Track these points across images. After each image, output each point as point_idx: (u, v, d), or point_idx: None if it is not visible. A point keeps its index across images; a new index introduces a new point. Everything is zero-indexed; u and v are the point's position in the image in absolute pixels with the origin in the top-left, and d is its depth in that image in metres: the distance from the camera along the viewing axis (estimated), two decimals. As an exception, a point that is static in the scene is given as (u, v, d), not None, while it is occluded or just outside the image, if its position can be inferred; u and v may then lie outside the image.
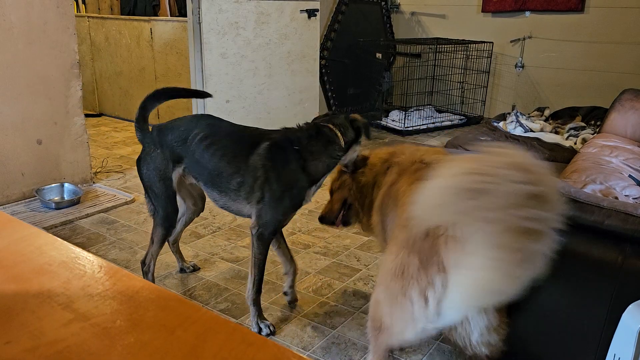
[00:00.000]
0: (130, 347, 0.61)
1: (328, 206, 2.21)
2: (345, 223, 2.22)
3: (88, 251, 0.83)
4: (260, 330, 2.08)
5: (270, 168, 1.95)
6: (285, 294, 2.31)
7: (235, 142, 2.02)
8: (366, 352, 2.00)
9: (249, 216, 2.06)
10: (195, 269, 2.59)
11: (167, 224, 2.17)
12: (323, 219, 2.23)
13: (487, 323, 1.40)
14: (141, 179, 2.15)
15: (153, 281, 2.28)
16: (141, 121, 2.10)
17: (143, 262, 2.27)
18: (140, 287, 0.72)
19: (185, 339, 0.62)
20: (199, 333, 0.63)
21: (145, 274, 2.27)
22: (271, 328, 2.09)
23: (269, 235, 2.02)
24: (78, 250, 0.82)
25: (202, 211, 2.48)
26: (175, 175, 2.11)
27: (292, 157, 1.96)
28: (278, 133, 2.03)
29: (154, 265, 2.28)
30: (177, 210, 2.20)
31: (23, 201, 3.30)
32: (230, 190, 2.01)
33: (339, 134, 2.00)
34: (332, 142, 2.00)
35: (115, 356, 0.59)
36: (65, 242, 0.84)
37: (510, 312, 1.54)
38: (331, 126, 2.01)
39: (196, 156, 2.03)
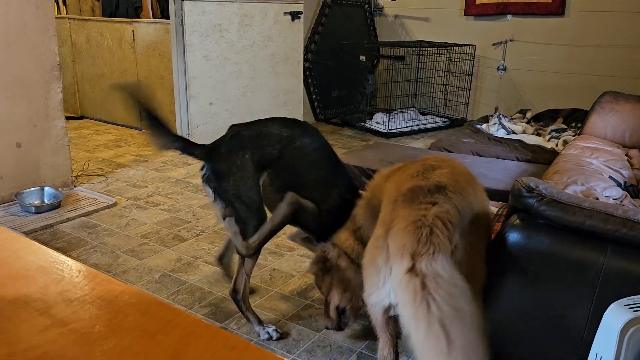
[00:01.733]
0: (110, 352, 0.59)
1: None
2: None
3: (69, 256, 0.81)
4: None
5: None
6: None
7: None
8: (351, 355, 2.00)
9: None
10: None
11: None
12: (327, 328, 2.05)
13: None
14: (222, 193, 1.91)
15: (250, 308, 2.07)
16: (187, 141, 2.00)
17: (235, 291, 2.01)
18: (120, 291, 0.71)
19: (167, 343, 0.61)
20: (181, 337, 0.62)
21: (242, 302, 2.02)
22: None
23: None
24: (56, 254, 0.81)
25: None
26: (261, 181, 1.98)
27: None
28: None
29: (248, 288, 2.05)
30: (266, 217, 2.00)
31: (2, 205, 3.24)
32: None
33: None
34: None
35: (94, 362, 0.58)
36: (43, 246, 0.83)
37: (491, 311, 1.54)
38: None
39: (287, 161, 2.01)
